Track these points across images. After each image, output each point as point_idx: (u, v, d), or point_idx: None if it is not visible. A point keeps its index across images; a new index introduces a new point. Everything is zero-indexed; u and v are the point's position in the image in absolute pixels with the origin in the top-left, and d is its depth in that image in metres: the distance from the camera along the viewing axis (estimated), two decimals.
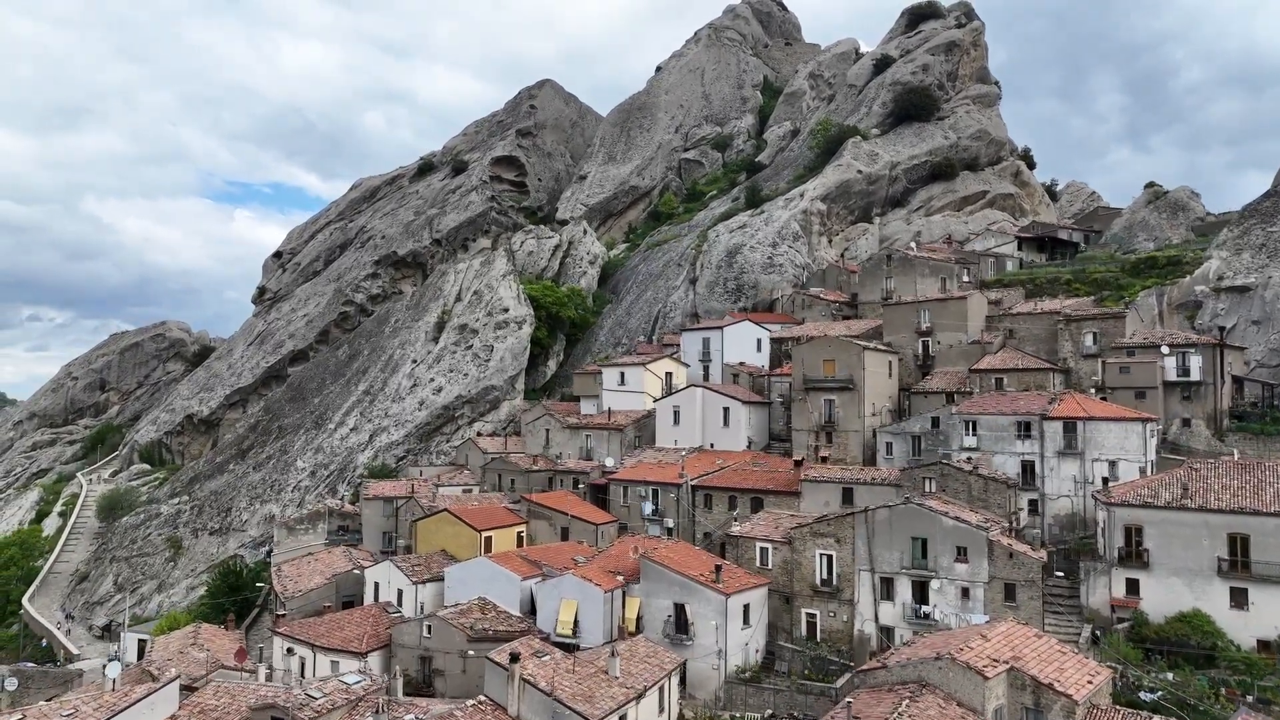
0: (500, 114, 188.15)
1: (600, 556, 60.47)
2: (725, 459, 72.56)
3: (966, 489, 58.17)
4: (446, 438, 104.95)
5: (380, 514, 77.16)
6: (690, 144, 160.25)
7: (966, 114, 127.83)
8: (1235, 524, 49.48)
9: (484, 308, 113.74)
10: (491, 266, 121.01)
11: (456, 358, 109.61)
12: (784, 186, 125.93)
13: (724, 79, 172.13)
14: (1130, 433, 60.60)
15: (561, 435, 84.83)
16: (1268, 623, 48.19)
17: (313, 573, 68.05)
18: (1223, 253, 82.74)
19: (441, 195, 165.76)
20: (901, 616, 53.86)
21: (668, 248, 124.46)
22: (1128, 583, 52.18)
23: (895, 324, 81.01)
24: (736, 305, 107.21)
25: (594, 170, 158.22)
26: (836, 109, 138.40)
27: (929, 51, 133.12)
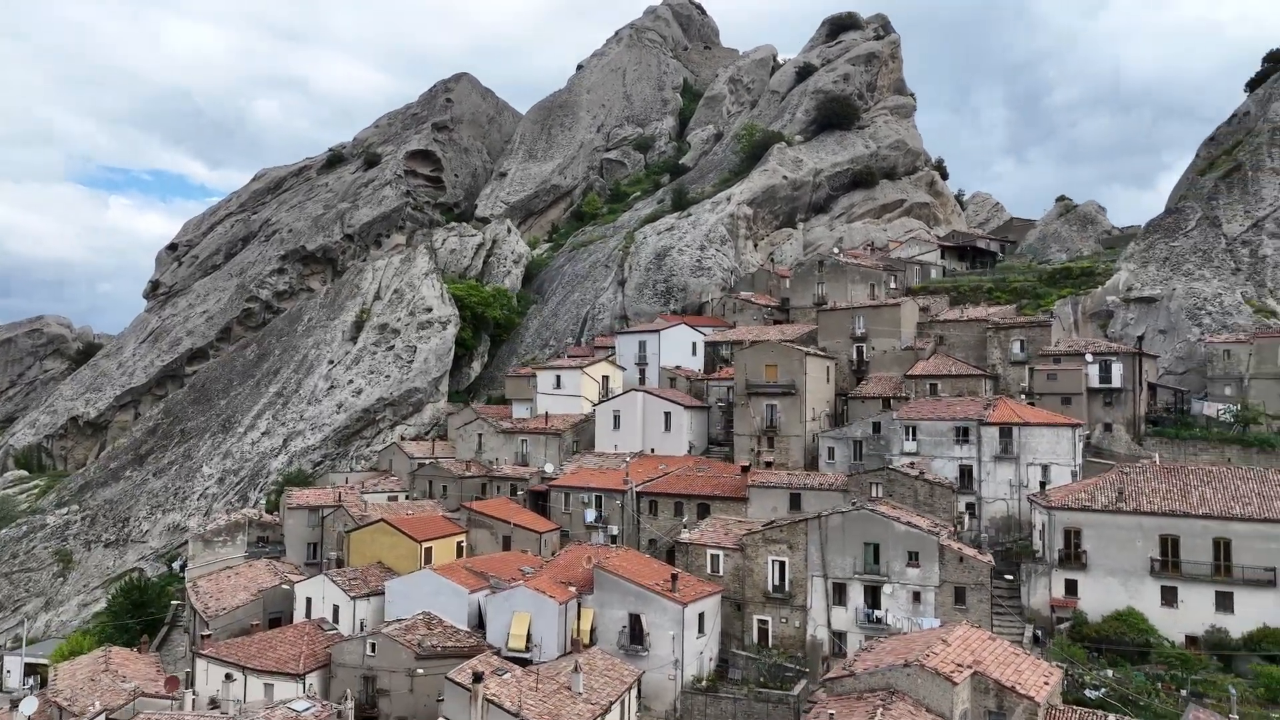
0: (415, 106, 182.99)
1: (549, 567, 58.97)
2: (668, 464, 72.02)
3: (912, 494, 59.29)
4: (367, 442, 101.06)
5: (304, 524, 73.36)
6: (612, 144, 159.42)
7: (885, 124, 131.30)
8: (1166, 526, 51.94)
9: (405, 307, 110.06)
10: (413, 264, 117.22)
11: (377, 359, 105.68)
12: (710, 190, 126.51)
13: (645, 80, 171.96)
14: (1061, 438, 63.02)
15: (495, 440, 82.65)
16: (1195, 619, 50.73)
17: (235, 588, 64.08)
18: (1131, 265, 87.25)
19: (353, 189, 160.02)
20: (854, 621, 54.39)
21: (594, 248, 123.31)
22: (1066, 583, 54.12)
23: (830, 329, 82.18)
24: (666, 308, 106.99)
25: (514, 168, 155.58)
26: (760, 115, 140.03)
27: (849, 62, 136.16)
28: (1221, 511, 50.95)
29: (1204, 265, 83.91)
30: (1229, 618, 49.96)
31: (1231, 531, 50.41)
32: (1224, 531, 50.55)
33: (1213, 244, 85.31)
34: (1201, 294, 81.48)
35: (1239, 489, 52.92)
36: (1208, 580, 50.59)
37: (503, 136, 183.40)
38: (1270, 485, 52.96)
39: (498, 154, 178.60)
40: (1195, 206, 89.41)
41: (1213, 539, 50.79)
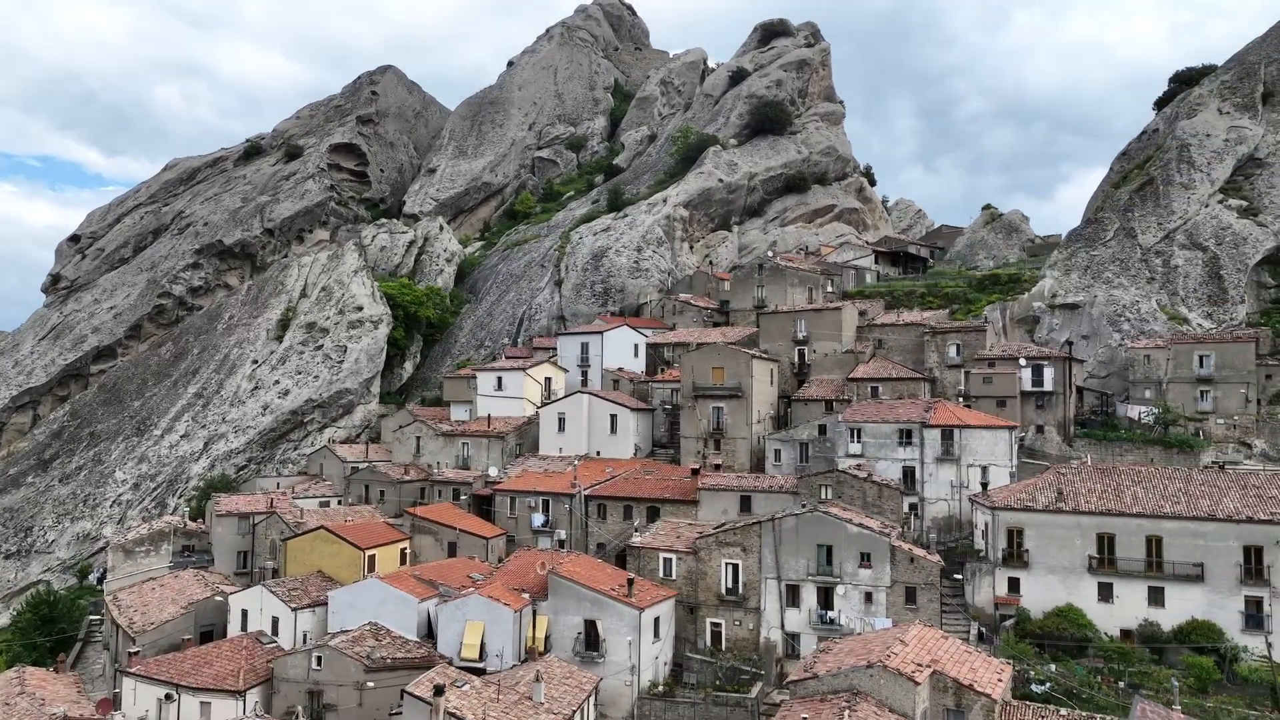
0: (338, 99, 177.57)
1: (500, 573, 57.81)
2: (615, 466, 71.53)
3: (861, 495, 60.29)
4: (294, 445, 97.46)
5: (234, 532, 70.16)
6: (544, 142, 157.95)
7: (816, 130, 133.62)
8: (1104, 525, 54.10)
9: (334, 305, 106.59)
10: (341, 261, 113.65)
11: (304, 358, 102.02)
12: (645, 191, 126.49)
13: (576, 79, 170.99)
14: (999, 440, 65.06)
15: (434, 443, 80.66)
16: (1129, 613, 52.96)
17: (163, 601, 60.78)
18: (1055, 273, 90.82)
19: (273, 182, 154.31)
20: (807, 623, 54.96)
21: (528, 248, 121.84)
22: (1009, 581, 55.83)
23: (772, 332, 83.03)
24: (605, 309, 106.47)
25: (444, 164, 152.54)
26: (694, 117, 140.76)
27: (782, 68, 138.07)
28: (1154, 510, 53.33)
29: (1122, 274, 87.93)
30: (1160, 612, 52.31)
31: (1163, 529, 52.81)
32: (1156, 529, 52.92)
33: (1129, 254, 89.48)
34: (1120, 301, 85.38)
35: (1167, 488, 55.50)
36: (1141, 576, 52.88)
37: (429, 132, 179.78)
38: (1195, 484, 55.71)
39: (425, 149, 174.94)
40: (1113, 218, 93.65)
41: (1146, 536, 53.11)
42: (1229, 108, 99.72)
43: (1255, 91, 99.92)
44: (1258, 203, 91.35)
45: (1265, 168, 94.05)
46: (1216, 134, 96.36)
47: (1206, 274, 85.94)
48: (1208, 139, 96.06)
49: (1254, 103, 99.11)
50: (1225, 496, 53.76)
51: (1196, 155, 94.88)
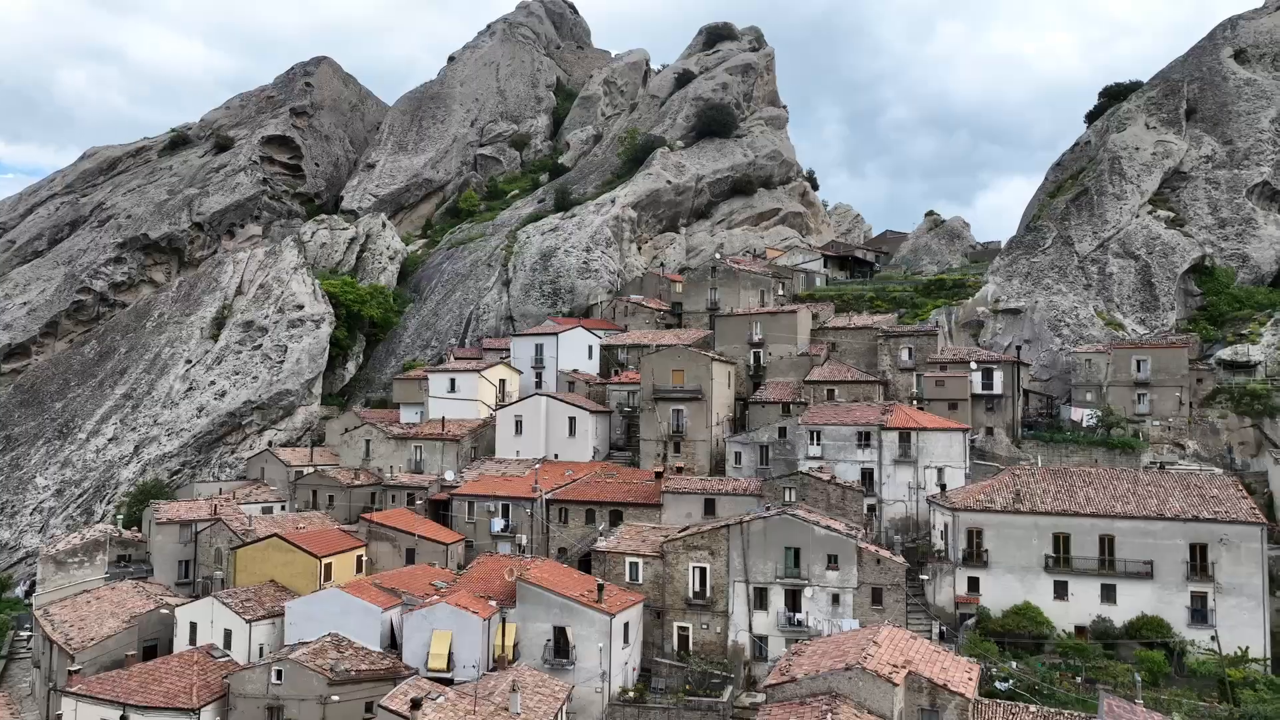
0: (270, 89, 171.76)
1: (464, 580, 56.57)
2: (574, 470, 70.83)
3: (825, 497, 60.92)
4: (232, 448, 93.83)
5: (175, 540, 67.10)
6: (486, 139, 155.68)
7: (761, 134, 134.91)
8: (1060, 524, 55.84)
9: (274, 303, 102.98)
10: (279, 258, 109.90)
11: (242, 359, 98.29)
12: (593, 191, 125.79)
13: (518, 76, 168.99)
14: (954, 442, 66.60)
15: (385, 447, 78.58)
16: (1083, 610, 54.79)
17: (101, 615, 57.63)
18: (997, 279, 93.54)
19: (202, 174, 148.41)
20: (775, 625, 55.28)
21: (474, 246, 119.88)
22: (969, 581, 57.16)
23: (727, 335, 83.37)
24: (554, 309, 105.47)
25: (383, 159, 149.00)
26: (640, 119, 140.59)
27: (727, 71, 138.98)
28: (1106, 510, 55.27)
29: (1060, 281, 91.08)
30: (1112, 608, 54.25)
31: (1115, 529, 54.78)
32: (1109, 529, 54.86)
33: (1067, 261, 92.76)
34: (1060, 307, 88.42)
35: (1117, 489, 57.62)
36: (1095, 574, 54.77)
37: (366, 126, 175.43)
38: (1142, 485, 57.99)
39: (361, 144, 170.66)
40: (1050, 226, 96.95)
41: (1099, 536, 55.02)
42: (1155, 123, 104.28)
43: (1179, 108, 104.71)
44: (1183, 214, 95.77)
45: (1189, 181, 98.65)
46: (1145, 147, 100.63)
47: (1139, 282, 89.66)
48: (1137, 152, 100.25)
49: (1178, 119, 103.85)
50: (1171, 496, 56.05)
51: (1127, 167, 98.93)
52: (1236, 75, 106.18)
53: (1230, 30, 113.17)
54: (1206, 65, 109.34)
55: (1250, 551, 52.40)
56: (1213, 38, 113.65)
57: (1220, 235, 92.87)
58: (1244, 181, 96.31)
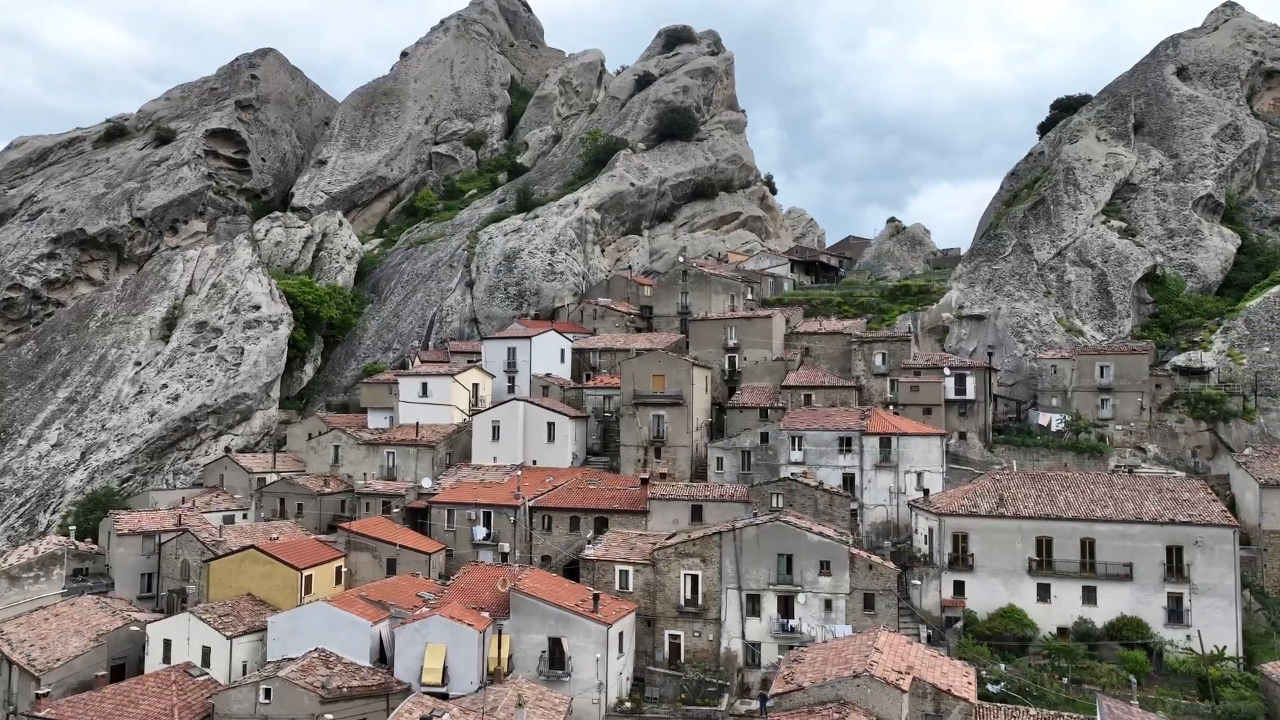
0: (213, 81, 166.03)
1: (452, 591, 55.25)
2: (555, 476, 69.94)
3: (812, 503, 61.24)
4: (186, 454, 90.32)
5: (138, 553, 64.09)
6: (441, 137, 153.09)
7: (722, 138, 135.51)
8: (1042, 528, 57.15)
9: (228, 304, 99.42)
10: (232, 256, 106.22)
11: (196, 361, 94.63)
12: (554, 192, 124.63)
13: (473, 73, 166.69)
14: (932, 447, 67.72)
15: (355, 453, 76.43)
16: (1065, 612, 56.16)
17: (64, 634, 54.67)
18: (960, 285, 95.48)
19: (143, 167, 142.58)
20: (768, 632, 55.31)
21: (434, 247, 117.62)
22: (955, 585, 58.10)
23: (701, 339, 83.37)
24: (519, 311, 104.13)
25: (335, 156, 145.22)
26: (600, 120, 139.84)
27: (688, 74, 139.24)
28: (1087, 514, 56.76)
29: (1021, 288, 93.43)
30: (1093, 609, 55.72)
31: (1096, 532, 56.29)
32: (1090, 532, 56.35)
33: (1027, 269, 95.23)
34: (1022, 314, 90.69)
35: (1094, 492, 59.26)
36: (1076, 576, 56.16)
37: (313, 120, 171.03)
38: (1117, 489, 59.75)
39: (309, 139, 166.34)
40: (1010, 234, 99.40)
41: (1080, 539, 56.47)
42: (1105, 135, 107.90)
43: (1127, 122, 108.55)
44: (1134, 224, 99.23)
45: (1139, 192, 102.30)
46: (1097, 159, 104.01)
47: (1096, 289, 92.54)
48: (1089, 163, 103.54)
49: (1127, 132, 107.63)
50: (1146, 500, 57.87)
51: (1081, 178, 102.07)
52: (1180, 91, 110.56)
53: (1172, 48, 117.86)
54: (1151, 81, 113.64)
55: (1223, 553, 54.38)
56: (1156, 55, 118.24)
57: (1169, 245, 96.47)
58: (1190, 194, 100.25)
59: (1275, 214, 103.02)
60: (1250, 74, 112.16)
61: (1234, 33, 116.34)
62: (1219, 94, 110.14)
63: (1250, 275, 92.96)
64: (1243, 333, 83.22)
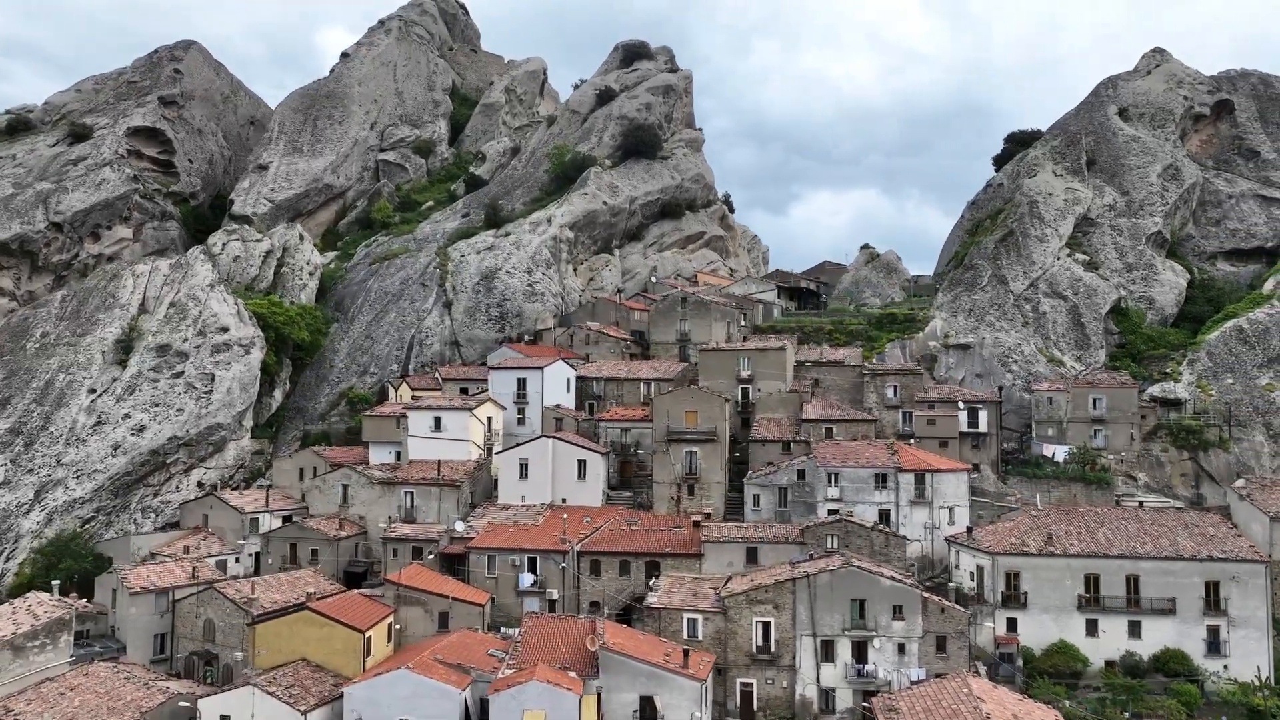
0: (130, 74, 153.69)
1: (525, 649, 52.88)
2: (591, 516, 68.13)
3: (869, 544, 61.90)
4: (154, 490, 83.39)
5: (151, 611, 58.53)
6: (388, 144, 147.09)
7: (685, 156, 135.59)
8: (1090, 566, 59.72)
9: (192, 325, 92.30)
10: (189, 272, 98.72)
11: (160, 388, 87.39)
12: (522, 209, 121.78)
13: (415, 78, 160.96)
14: (960, 481, 69.72)
15: (368, 493, 72.23)
16: (1113, 645, 58.91)
17: (95, 710, 49.22)
18: (943, 314, 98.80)
19: (57, 167, 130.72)
20: (843, 677, 55.58)
21: (401, 263, 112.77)
22: (1008, 622, 59.99)
23: (713, 370, 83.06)
24: (501, 335, 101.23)
25: (277, 161, 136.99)
26: (562, 134, 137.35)
27: (649, 91, 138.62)
28: (1131, 551, 59.62)
29: (1001, 318, 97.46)
30: (1138, 643, 58.68)
31: (1140, 568, 59.25)
32: (1135, 569, 59.28)
33: (1004, 299, 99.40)
34: (1005, 344, 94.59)
35: (1129, 528, 62.37)
36: (1122, 611, 59.00)
37: (239, 120, 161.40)
38: (1148, 524, 63.11)
39: (234, 139, 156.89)
40: (984, 265, 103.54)
41: (1125, 575, 59.28)
42: (1061, 170, 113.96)
43: (1080, 159, 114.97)
44: (1096, 258, 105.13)
45: (1097, 227, 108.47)
46: (1056, 193, 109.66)
47: (1070, 320, 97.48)
48: (1050, 197, 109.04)
49: (1081, 168, 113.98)
50: (1178, 535, 61.32)
51: (1044, 211, 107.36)
52: (1124, 132, 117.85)
53: (1112, 89, 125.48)
54: (1097, 120, 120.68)
55: (1256, 587, 58.22)
56: (1098, 94, 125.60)
57: (1129, 279, 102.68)
58: (1142, 230, 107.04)
59: (1211, 249, 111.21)
60: (1183, 118, 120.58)
61: (1166, 78, 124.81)
62: (1158, 135, 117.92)
63: (1202, 309, 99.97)
64: (1207, 365, 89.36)
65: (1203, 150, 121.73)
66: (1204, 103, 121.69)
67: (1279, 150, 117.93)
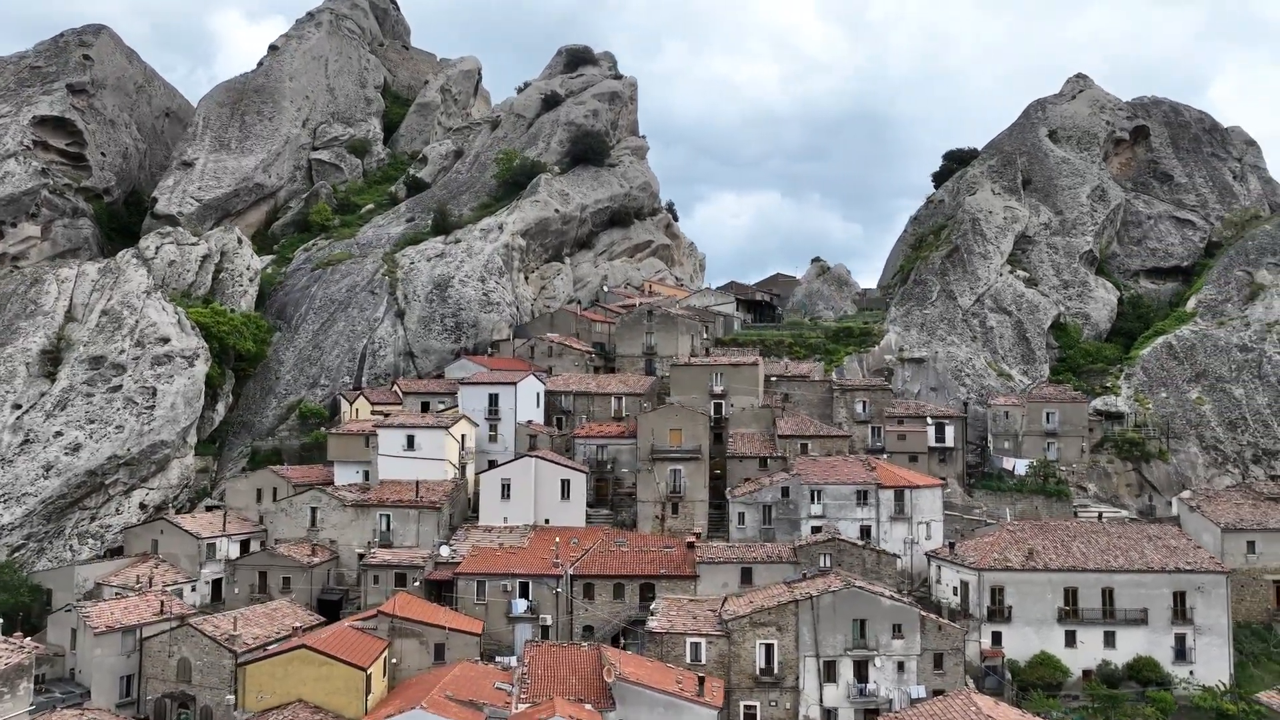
0: (33, 58, 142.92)
1: (532, 680, 51.53)
2: (577, 537, 66.96)
3: (860, 562, 62.84)
4: (91, 514, 77.77)
5: (118, 651, 54.43)
6: (321, 143, 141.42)
7: (631, 164, 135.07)
8: (1070, 580, 62.25)
9: (129, 335, 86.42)
10: (122, 277, 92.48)
11: (97, 403, 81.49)
12: (469, 214, 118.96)
13: (347, 73, 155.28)
14: (935, 497, 71.67)
15: (339, 515, 69.07)
16: (1090, 655, 61.59)
17: None
18: (896, 328, 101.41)
19: None
20: (845, 697, 56.23)
21: (347, 269, 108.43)
22: (993, 635, 61.91)
23: (685, 385, 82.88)
24: (457, 345, 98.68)
25: (203, 157, 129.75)
26: (507, 138, 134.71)
27: (596, 98, 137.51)
28: (1106, 565, 62.39)
29: (951, 332, 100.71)
30: (1113, 652, 61.50)
31: (1114, 581, 62.08)
32: (1109, 581, 62.09)
33: (954, 314, 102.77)
34: (958, 358, 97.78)
35: (1100, 541, 65.37)
36: (1099, 623, 61.73)
37: (153, 111, 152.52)
38: (1116, 537, 66.21)
39: (149, 132, 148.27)
40: (934, 280, 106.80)
41: (1101, 588, 62.01)
42: (999, 189, 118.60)
43: (1016, 178, 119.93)
44: (1035, 275, 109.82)
45: (1034, 245, 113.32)
46: (996, 211, 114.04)
47: (1016, 336, 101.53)
48: (991, 215, 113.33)
49: (1017, 187, 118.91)
50: (1145, 547, 64.52)
51: (986, 229, 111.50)
52: (1055, 153, 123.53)
53: (1041, 112, 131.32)
54: (1030, 141, 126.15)
55: (1218, 596, 61.82)
56: (1028, 116, 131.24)
57: (1066, 295, 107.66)
58: (1076, 248, 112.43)
59: (1135, 267, 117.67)
60: (1106, 141, 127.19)
61: (1090, 103, 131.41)
62: (1084, 157, 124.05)
63: (1133, 324, 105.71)
64: (1142, 379, 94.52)
65: (1123, 173, 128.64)
66: (1124, 127, 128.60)
67: (1189, 175, 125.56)
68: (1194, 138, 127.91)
